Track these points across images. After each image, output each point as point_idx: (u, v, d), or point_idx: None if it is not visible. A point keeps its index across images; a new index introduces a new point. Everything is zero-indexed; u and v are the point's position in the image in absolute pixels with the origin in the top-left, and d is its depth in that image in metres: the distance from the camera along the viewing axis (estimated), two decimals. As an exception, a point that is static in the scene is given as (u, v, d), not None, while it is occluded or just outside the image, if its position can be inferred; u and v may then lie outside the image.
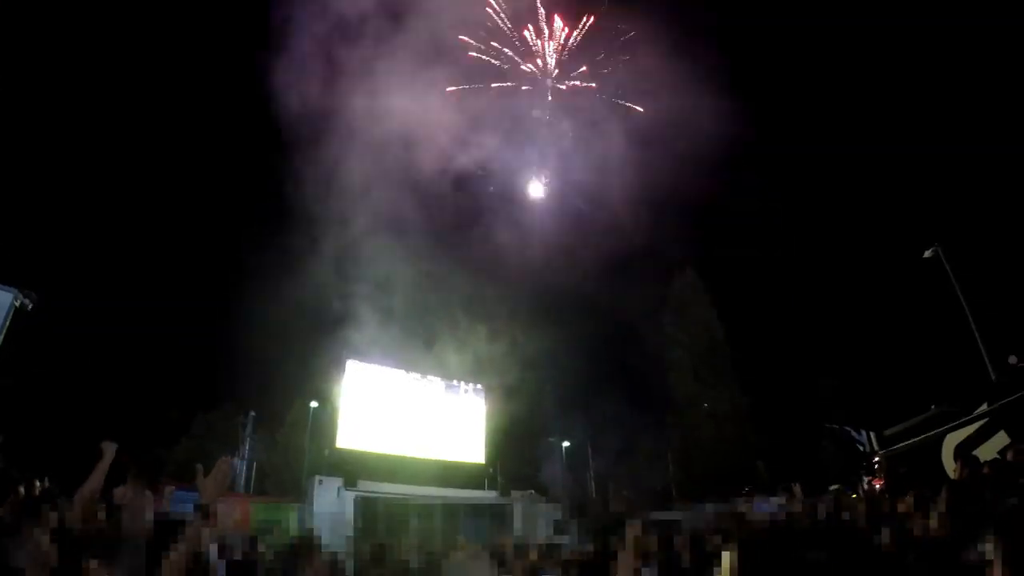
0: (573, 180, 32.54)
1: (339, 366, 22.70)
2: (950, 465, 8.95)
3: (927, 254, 14.62)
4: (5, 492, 5.87)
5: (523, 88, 32.55)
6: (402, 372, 24.07)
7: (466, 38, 30.75)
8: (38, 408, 17.40)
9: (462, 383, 25.77)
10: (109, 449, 4.01)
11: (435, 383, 24.98)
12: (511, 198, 32.28)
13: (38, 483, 7.41)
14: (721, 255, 30.41)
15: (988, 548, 2.24)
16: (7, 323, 9.17)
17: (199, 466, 3.25)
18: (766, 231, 30.57)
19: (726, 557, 2.11)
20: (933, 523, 4.86)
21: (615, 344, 29.65)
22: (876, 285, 25.63)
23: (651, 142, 28.46)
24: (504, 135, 31.13)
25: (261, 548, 8.06)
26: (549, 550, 8.68)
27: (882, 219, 27.28)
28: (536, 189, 32.66)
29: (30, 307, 9.92)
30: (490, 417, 25.85)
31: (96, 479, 3.87)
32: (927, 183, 26.29)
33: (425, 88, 26.83)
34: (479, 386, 26.11)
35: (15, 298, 9.53)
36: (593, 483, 28.95)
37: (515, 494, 23.03)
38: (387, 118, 25.72)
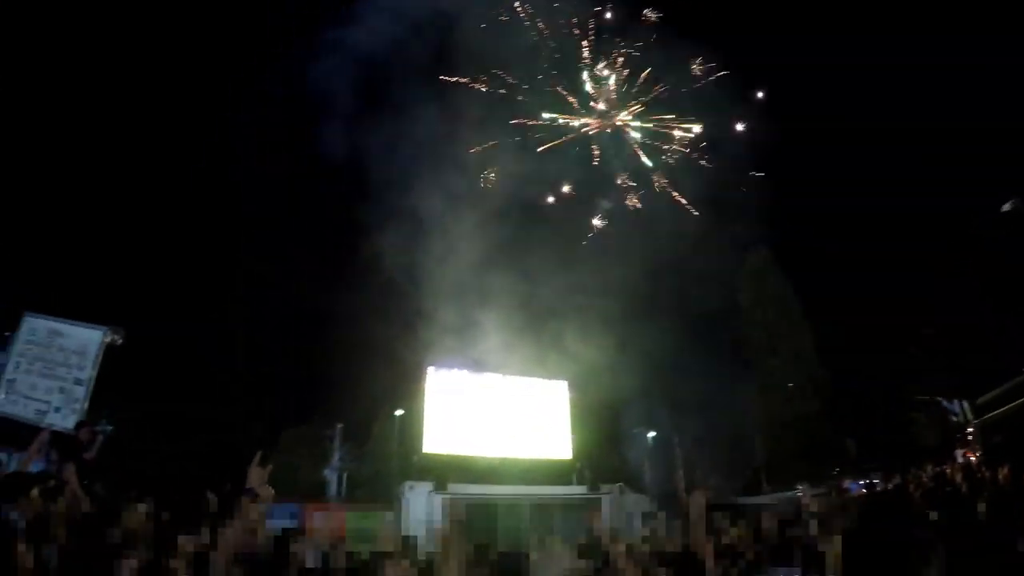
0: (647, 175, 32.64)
1: (421, 374, 23.08)
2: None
3: (1006, 208, 13.76)
4: (113, 517, 6.31)
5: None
6: (482, 374, 24.26)
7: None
8: (132, 441, 18.54)
9: (544, 379, 25.63)
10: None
11: (517, 381, 24.95)
12: (584, 198, 32.53)
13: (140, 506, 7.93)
14: (796, 228, 29.54)
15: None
16: (99, 359, 9.70)
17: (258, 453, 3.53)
18: (841, 199, 29.62)
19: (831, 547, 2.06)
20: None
21: (695, 328, 29.11)
22: (954, 244, 24.27)
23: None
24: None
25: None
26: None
27: (960, 176, 25.83)
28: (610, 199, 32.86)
29: (119, 342, 10.44)
30: (575, 412, 25.62)
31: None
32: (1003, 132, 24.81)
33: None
34: (562, 381, 25.89)
35: (104, 335, 10.07)
36: (681, 471, 28.52)
37: (604, 488, 22.91)
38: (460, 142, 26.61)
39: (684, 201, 30.23)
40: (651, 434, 29.21)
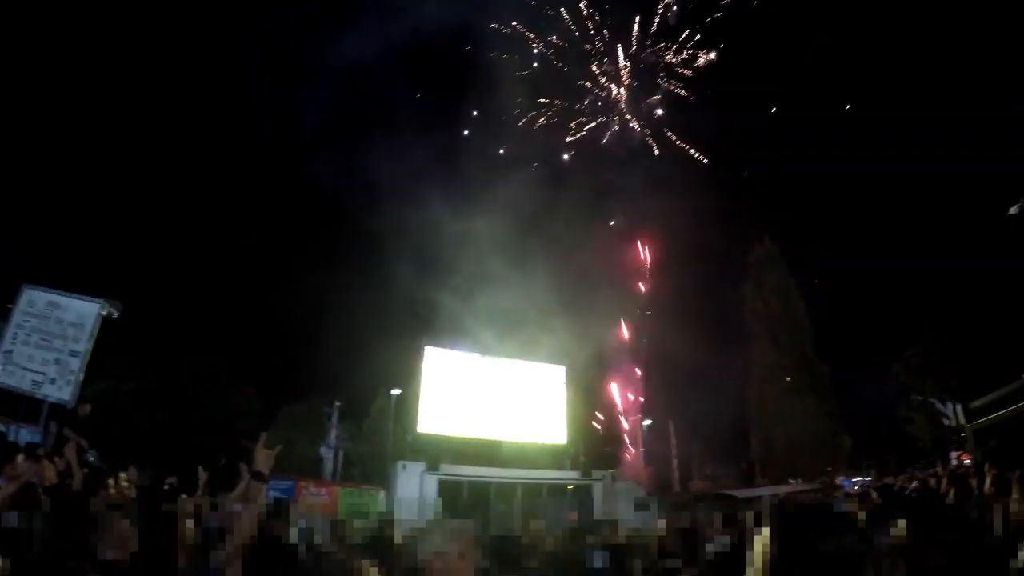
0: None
1: (418, 353, 22.97)
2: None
3: (1012, 211, 13.66)
4: (97, 486, 6.45)
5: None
6: (480, 356, 24.05)
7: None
8: (126, 411, 18.70)
9: (542, 364, 25.46)
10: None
11: (514, 365, 24.74)
12: (587, 184, 32.61)
13: (123, 475, 8.06)
14: (801, 223, 29.53)
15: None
16: (95, 332, 9.77)
17: (263, 435, 3.44)
18: (847, 198, 29.59)
19: (758, 540, 1.97)
20: (1014, 507, 4.59)
21: (696, 319, 29.14)
22: (960, 248, 24.21)
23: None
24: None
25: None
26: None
27: (966, 179, 25.72)
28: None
29: (116, 315, 10.49)
30: (571, 397, 25.52)
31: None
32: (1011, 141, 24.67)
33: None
34: (560, 366, 25.74)
35: (101, 308, 10.13)
36: (676, 461, 28.59)
37: (596, 474, 22.96)
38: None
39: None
40: (647, 423, 29.30)
